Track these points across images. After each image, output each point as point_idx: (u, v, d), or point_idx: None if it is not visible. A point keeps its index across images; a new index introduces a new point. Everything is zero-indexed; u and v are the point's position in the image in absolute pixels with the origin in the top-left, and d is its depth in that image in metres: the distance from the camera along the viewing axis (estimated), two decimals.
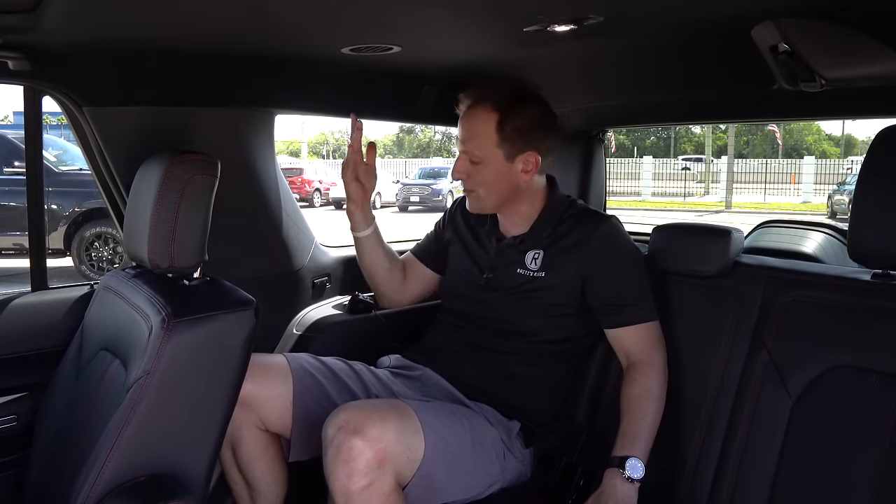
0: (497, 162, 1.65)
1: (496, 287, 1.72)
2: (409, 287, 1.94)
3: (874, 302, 1.43)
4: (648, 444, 1.55)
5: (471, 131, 1.66)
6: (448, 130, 44.20)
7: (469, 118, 1.67)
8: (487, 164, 1.66)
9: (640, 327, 1.64)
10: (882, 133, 1.40)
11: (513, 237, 1.74)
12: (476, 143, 1.65)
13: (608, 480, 1.52)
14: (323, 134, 54.88)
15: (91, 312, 1.58)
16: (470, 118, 1.67)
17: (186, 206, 1.33)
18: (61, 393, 1.52)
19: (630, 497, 1.50)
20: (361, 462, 1.33)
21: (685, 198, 23.46)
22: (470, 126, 1.67)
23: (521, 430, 1.66)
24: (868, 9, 1.26)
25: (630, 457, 1.52)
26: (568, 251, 1.67)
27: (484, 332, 1.71)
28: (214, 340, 1.28)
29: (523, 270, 1.69)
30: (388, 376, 1.73)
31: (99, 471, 1.19)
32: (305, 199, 19.98)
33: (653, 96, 2.07)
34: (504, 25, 1.41)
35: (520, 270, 1.70)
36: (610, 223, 1.69)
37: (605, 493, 1.51)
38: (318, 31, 1.46)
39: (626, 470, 1.50)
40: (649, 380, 1.60)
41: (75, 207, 7.11)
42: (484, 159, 1.66)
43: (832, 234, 2.55)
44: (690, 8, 1.31)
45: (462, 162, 1.69)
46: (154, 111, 1.69)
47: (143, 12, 1.25)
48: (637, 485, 1.51)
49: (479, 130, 1.65)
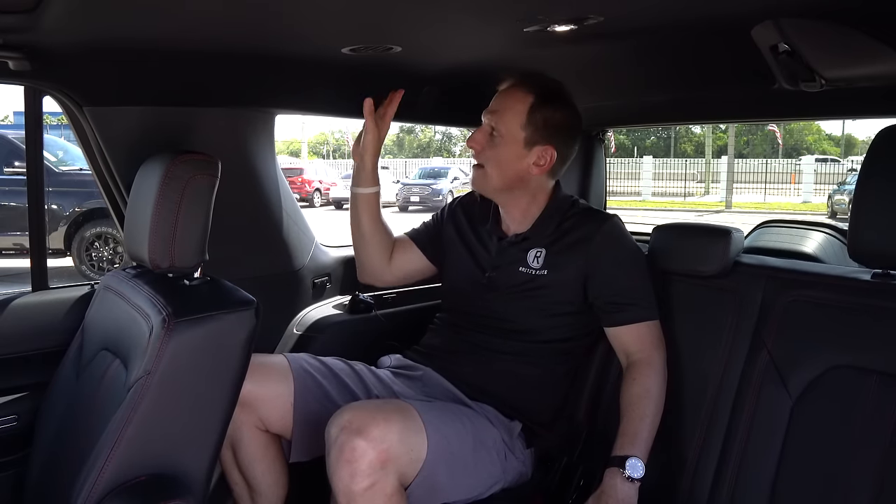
0: (515, 143, 1.65)
1: (498, 286, 1.71)
2: (395, 265, 1.88)
3: (874, 302, 1.43)
4: (648, 443, 1.55)
5: (503, 105, 1.67)
6: (448, 130, 44.21)
7: (506, 93, 1.69)
8: (505, 142, 1.65)
9: (640, 326, 1.64)
10: (882, 133, 1.40)
11: (515, 235, 1.73)
12: (504, 116, 1.66)
13: (608, 480, 1.52)
14: (323, 134, 54.99)
15: (91, 312, 1.58)
16: (507, 94, 1.68)
17: (187, 206, 1.33)
18: (62, 393, 1.52)
19: (630, 496, 1.50)
20: (364, 462, 1.33)
21: (685, 198, 23.47)
22: (504, 100, 1.68)
23: (523, 430, 1.66)
24: (868, 9, 1.26)
25: (630, 456, 1.52)
26: (570, 249, 1.66)
27: (484, 332, 1.71)
28: (215, 340, 1.28)
29: (525, 269, 1.69)
30: (388, 376, 1.73)
31: (99, 470, 1.19)
32: (305, 198, 19.98)
33: (653, 96, 2.07)
34: (504, 25, 1.41)
35: (522, 269, 1.69)
36: (612, 222, 1.70)
37: (606, 492, 1.51)
38: (318, 31, 1.46)
39: (627, 469, 1.50)
40: (649, 379, 1.60)
41: (76, 207, 7.11)
42: (504, 136, 1.65)
43: (832, 233, 2.55)
44: (690, 8, 1.31)
45: (482, 132, 1.69)
46: (154, 111, 1.69)
47: (144, 12, 1.24)
48: (637, 484, 1.51)
49: (511, 106, 1.66)
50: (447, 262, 1.86)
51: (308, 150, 39.61)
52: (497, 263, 1.74)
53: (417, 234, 1.92)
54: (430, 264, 1.90)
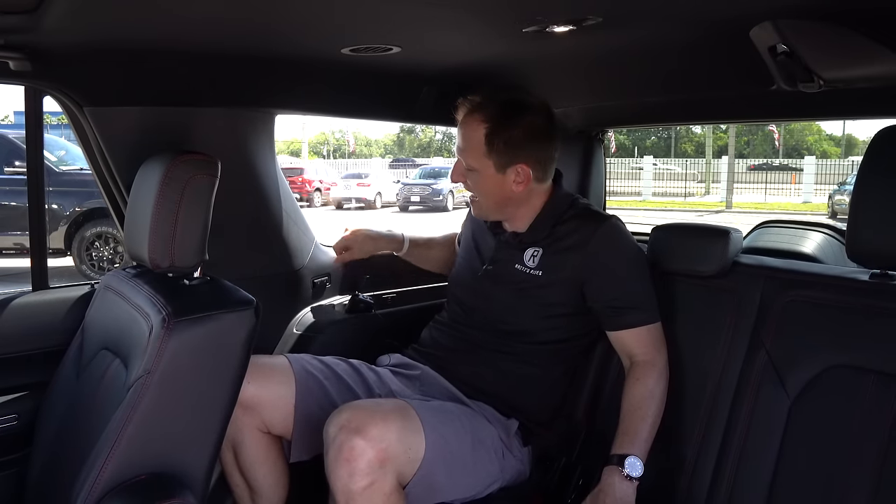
0: (488, 172, 1.65)
1: (495, 279, 1.72)
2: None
3: (872, 302, 1.44)
4: (648, 443, 1.56)
5: (464, 140, 1.68)
6: (448, 130, 44.18)
7: (463, 126, 1.68)
8: (480, 174, 1.67)
9: (641, 330, 1.63)
10: (880, 133, 1.40)
11: (513, 233, 1.74)
12: (468, 153, 1.67)
13: (607, 478, 1.52)
14: (323, 134, 54.96)
15: (92, 312, 1.58)
16: (464, 126, 1.68)
17: (187, 206, 1.34)
18: (62, 392, 1.52)
19: (628, 495, 1.50)
20: (363, 462, 1.33)
21: (686, 198, 23.47)
22: (464, 134, 1.68)
23: (520, 428, 1.66)
24: (866, 10, 1.27)
25: (629, 455, 1.52)
26: (566, 252, 1.66)
27: (482, 332, 1.71)
28: (215, 340, 1.28)
29: (521, 267, 1.69)
30: (387, 375, 1.74)
31: (100, 469, 1.19)
32: (306, 198, 19.99)
33: (653, 96, 2.07)
34: (503, 26, 1.41)
35: (518, 266, 1.70)
36: (610, 223, 1.67)
37: (604, 490, 1.51)
38: (318, 32, 1.46)
39: (626, 468, 1.51)
40: (652, 380, 1.60)
41: (76, 207, 7.11)
42: (476, 168, 1.67)
43: (831, 234, 2.55)
44: (689, 9, 1.32)
45: (458, 169, 1.72)
46: (155, 111, 1.70)
47: (144, 13, 1.25)
48: (636, 483, 1.51)
49: (470, 139, 1.66)
50: (458, 256, 1.92)
51: (308, 149, 39.62)
52: (496, 258, 1.75)
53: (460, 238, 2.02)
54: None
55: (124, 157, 1.67)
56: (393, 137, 57.29)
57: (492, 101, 1.65)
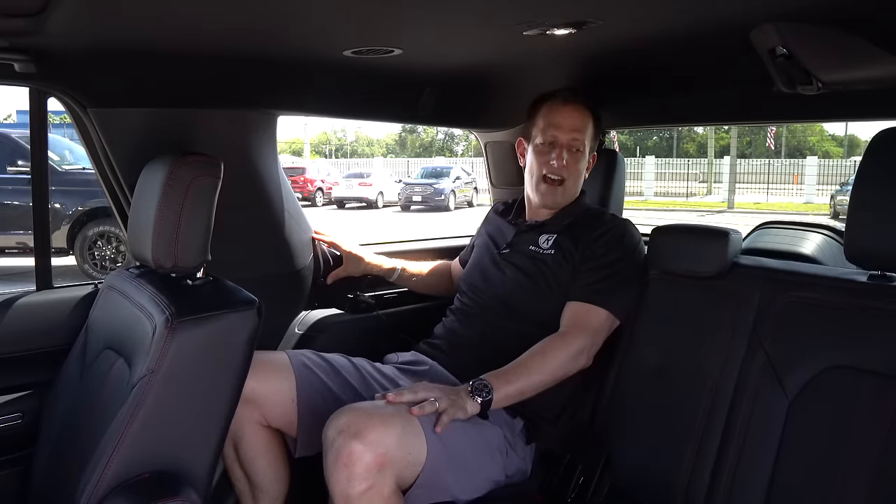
0: (587, 155, 1.86)
1: (508, 259, 1.82)
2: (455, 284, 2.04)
3: (871, 303, 1.44)
4: (512, 396, 1.55)
5: (581, 122, 1.83)
6: (450, 130, 44.14)
7: (574, 111, 1.83)
8: (584, 156, 1.85)
9: (587, 306, 1.68)
10: (879, 135, 1.41)
11: (534, 221, 1.88)
12: (583, 133, 1.83)
13: (463, 394, 1.50)
14: (325, 133, 54.96)
15: (95, 311, 1.59)
16: (575, 111, 1.83)
17: (190, 207, 1.35)
18: (66, 391, 1.53)
19: (471, 409, 1.48)
20: (361, 466, 1.32)
21: (688, 198, 23.45)
22: (580, 117, 1.83)
23: (525, 426, 1.67)
24: (865, 13, 1.27)
25: (491, 389, 1.51)
26: (578, 237, 1.78)
27: (491, 317, 1.76)
28: (217, 340, 1.29)
29: (535, 248, 1.82)
30: (394, 373, 1.75)
31: (103, 468, 1.20)
32: (308, 198, 19.99)
33: (652, 98, 2.08)
34: (504, 29, 1.42)
35: (532, 247, 1.82)
36: (624, 224, 1.82)
37: (456, 391, 1.50)
38: (320, 34, 1.47)
39: (478, 396, 1.49)
40: (553, 342, 1.62)
41: (79, 206, 7.11)
42: (584, 150, 1.84)
43: (830, 235, 2.55)
44: (688, 11, 1.32)
45: (567, 150, 1.81)
46: (158, 113, 1.70)
47: (148, 16, 1.26)
48: (477, 402, 1.49)
49: (585, 123, 1.84)
50: (471, 256, 2.00)
51: (311, 149, 39.63)
52: (513, 242, 1.87)
53: (463, 255, 2.11)
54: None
55: (128, 158, 1.68)
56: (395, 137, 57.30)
57: (584, 96, 1.85)
